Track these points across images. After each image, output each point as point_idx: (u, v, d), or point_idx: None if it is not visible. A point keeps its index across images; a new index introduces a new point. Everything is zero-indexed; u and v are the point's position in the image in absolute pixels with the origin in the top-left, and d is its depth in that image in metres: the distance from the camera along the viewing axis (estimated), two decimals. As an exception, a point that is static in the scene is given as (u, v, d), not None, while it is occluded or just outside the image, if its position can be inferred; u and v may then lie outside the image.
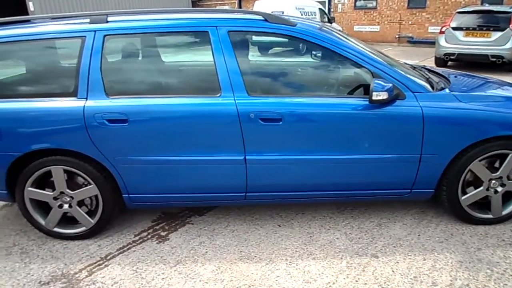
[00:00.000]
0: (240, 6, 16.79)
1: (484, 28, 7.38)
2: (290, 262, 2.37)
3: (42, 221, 2.61)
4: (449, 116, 2.42)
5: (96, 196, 2.57)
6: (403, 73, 2.50)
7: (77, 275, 2.31)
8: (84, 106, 2.37)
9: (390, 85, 2.30)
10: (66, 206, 2.58)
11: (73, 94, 2.41)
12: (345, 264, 2.33)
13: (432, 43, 12.62)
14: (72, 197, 2.55)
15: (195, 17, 2.51)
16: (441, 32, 8.05)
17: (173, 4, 15.50)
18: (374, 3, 14.46)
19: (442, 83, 2.70)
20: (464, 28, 7.65)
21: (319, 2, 13.02)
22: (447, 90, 2.53)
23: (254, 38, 2.44)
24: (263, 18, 2.49)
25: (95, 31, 2.42)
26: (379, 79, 2.31)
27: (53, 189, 2.54)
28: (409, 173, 2.52)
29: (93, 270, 2.35)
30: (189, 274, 2.29)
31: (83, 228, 2.63)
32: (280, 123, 2.36)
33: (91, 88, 2.39)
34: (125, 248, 2.56)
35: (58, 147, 2.42)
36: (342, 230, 2.67)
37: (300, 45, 2.75)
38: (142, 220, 2.88)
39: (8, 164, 2.47)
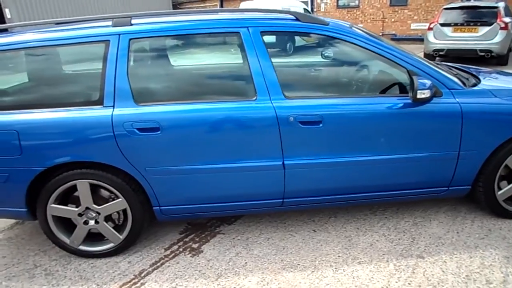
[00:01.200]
0: (222, 7, 16.65)
1: (472, 24, 7.55)
2: (336, 268, 2.29)
3: (66, 240, 2.44)
4: (487, 111, 2.40)
5: (124, 210, 2.42)
6: (438, 70, 2.47)
7: (113, 297, 2.17)
8: (112, 115, 2.21)
9: (430, 82, 2.27)
10: (92, 222, 2.41)
11: (99, 102, 2.25)
12: (393, 267, 2.27)
13: (415, 39, 12.90)
14: (98, 213, 2.39)
15: (224, 17, 2.40)
16: (430, 29, 8.19)
17: (155, 7, 15.19)
18: (357, 2, 14.63)
19: (473, 80, 2.69)
20: (452, 24, 7.81)
21: (302, 1, 13.04)
22: (481, 86, 2.52)
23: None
24: (294, 18, 2.41)
25: (119, 34, 2.27)
26: (420, 77, 2.27)
27: (77, 205, 2.38)
28: (447, 170, 2.49)
29: (130, 289, 2.21)
30: (236, 286, 2.18)
31: (110, 245, 2.47)
32: (320, 125, 2.29)
33: (118, 95, 2.24)
34: (158, 264, 2.42)
35: (84, 159, 2.26)
36: (380, 232, 2.62)
37: (288, 45, 2.66)
38: (168, 232, 2.74)
39: (29, 180, 2.28)
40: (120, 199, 2.36)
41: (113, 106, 2.24)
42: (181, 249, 2.55)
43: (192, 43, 2.45)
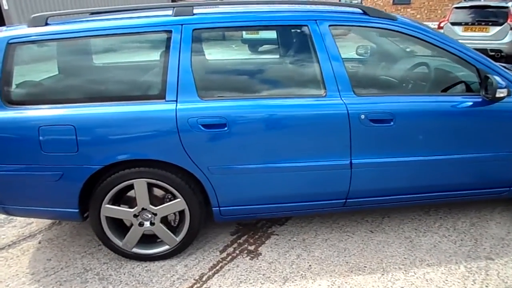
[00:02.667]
0: None
1: (483, 23, 7.58)
2: (405, 270, 2.22)
3: (118, 242, 2.31)
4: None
5: (181, 211, 2.30)
6: (504, 69, 2.41)
7: (178, 302, 2.05)
8: (176, 110, 2.09)
9: (506, 82, 2.21)
10: (147, 224, 2.29)
11: (160, 96, 2.12)
12: (464, 269, 2.21)
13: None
14: (154, 214, 2.26)
15: (292, 9, 2.29)
16: (440, 28, 8.20)
17: (152, 1, 14.91)
18: (360, 0, 14.61)
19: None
20: (463, 23, 7.83)
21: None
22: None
23: (245, 35, 2.22)
24: (362, 11, 2.32)
25: (182, 24, 2.14)
26: (498, 76, 2.20)
27: (131, 206, 2.25)
28: (511, 170, 2.44)
29: (195, 294, 2.10)
30: (305, 291, 2.09)
31: (165, 247, 2.35)
32: (392, 123, 2.20)
33: (182, 89, 2.11)
34: (217, 267, 2.31)
35: (144, 157, 2.13)
36: (439, 233, 2.55)
37: (294, 40, 2.54)
38: (219, 234, 2.62)
39: (85, 179, 2.14)
40: (178, 200, 2.23)
41: (176, 101, 2.11)
42: (237, 252, 2.44)
43: (257, 35, 2.33)
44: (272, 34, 2.49)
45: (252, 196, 2.29)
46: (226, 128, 2.11)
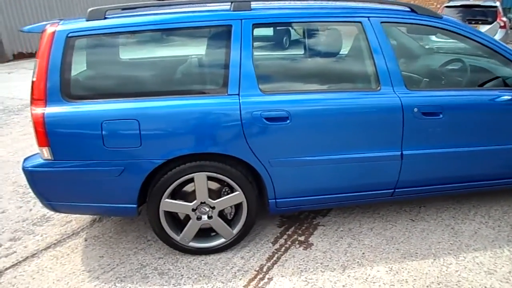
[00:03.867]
0: None
1: (473, 22, 7.91)
2: (455, 255, 2.33)
3: (176, 236, 2.32)
4: None
5: (237, 204, 2.33)
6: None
7: (246, 293, 2.08)
8: (239, 103, 2.12)
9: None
10: (204, 217, 2.30)
11: (222, 90, 2.15)
12: (509, 253, 2.34)
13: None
14: (212, 207, 2.29)
15: (345, 5, 2.35)
16: (430, 26, 8.47)
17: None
18: None
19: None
20: (453, 22, 8.13)
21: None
22: None
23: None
24: (410, 9, 2.41)
25: (241, 19, 2.17)
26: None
27: (187, 200, 2.26)
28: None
29: (260, 285, 2.13)
30: (367, 278, 2.16)
31: (221, 241, 2.37)
32: (441, 116, 2.31)
33: (243, 83, 2.14)
34: (274, 258, 2.35)
35: (207, 151, 2.15)
36: (476, 220, 2.69)
37: (284, 38, 2.62)
38: (266, 226, 2.66)
39: (146, 173, 2.15)
40: (237, 193, 2.27)
41: (238, 94, 2.14)
42: (289, 243, 2.50)
43: (311, 31, 2.38)
44: (269, 32, 2.51)
45: (308, 187, 2.35)
46: (288, 121, 2.16)
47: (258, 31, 2.17)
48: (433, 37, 5.40)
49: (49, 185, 2.19)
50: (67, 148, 2.10)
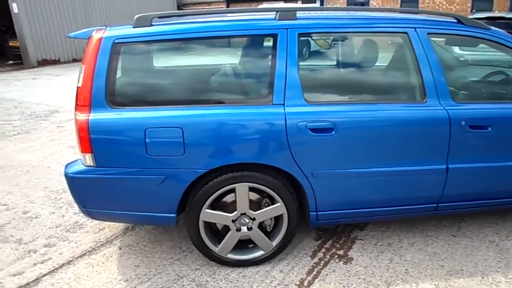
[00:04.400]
0: (227, 7, 16.51)
1: (498, 34, 7.79)
2: (504, 273, 2.23)
3: (214, 247, 2.27)
4: None
5: (277, 216, 2.28)
6: None
7: (288, 308, 2.02)
8: (285, 113, 2.09)
9: None
10: (244, 229, 2.26)
11: (267, 100, 2.12)
12: (561, 273, 2.25)
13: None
14: (253, 219, 2.24)
15: (391, 16, 2.32)
16: (454, 38, 8.38)
17: (158, 7, 14.89)
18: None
19: None
20: (478, 34, 8.02)
21: None
22: None
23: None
24: (456, 20, 2.36)
25: (287, 28, 2.15)
26: None
27: (226, 210, 2.22)
28: None
29: (302, 300, 2.07)
30: (414, 296, 2.09)
31: (260, 253, 2.32)
32: (489, 129, 2.24)
33: (288, 93, 2.11)
34: (314, 272, 2.29)
35: (251, 161, 2.11)
36: (521, 237, 2.60)
37: (304, 50, 2.52)
38: (303, 240, 2.60)
39: (188, 182, 2.12)
40: (279, 204, 2.22)
41: (283, 105, 2.11)
42: (328, 256, 2.43)
43: (355, 41, 2.35)
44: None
45: (350, 200, 2.29)
46: (333, 133, 2.11)
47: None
48: (457, 49, 5.33)
49: (89, 192, 2.18)
50: (110, 155, 2.09)
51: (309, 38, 2.27)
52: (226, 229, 2.29)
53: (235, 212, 2.21)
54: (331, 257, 2.43)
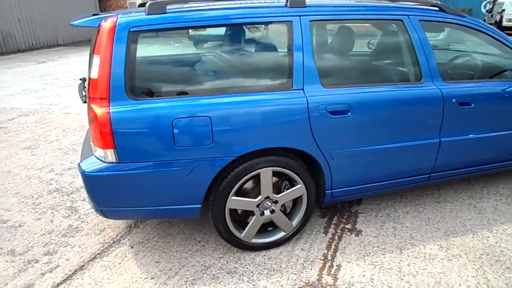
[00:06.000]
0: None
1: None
2: (489, 229, 2.57)
3: (238, 234, 2.29)
4: None
5: (297, 197, 2.37)
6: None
7: (323, 281, 2.13)
8: (306, 98, 2.16)
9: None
10: (267, 212, 2.31)
11: (287, 85, 2.18)
12: (529, 223, 2.68)
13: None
14: (276, 202, 2.30)
15: (388, 5, 2.48)
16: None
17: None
18: None
19: None
20: None
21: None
22: None
23: (191, 32, 2.40)
24: (438, 9, 2.62)
25: (299, 15, 2.21)
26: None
27: (249, 196, 2.25)
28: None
29: (333, 273, 2.19)
30: (425, 256, 2.32)
31: (281, 234, 2.40)
32: (472, 105, 2.55)
33: (307, 78, 2.19)
34: (332, 246, 2.43)
35: (276, 145, 2.16)
36: (492, 198, 2.97)
37: (239, 38, 2.70)
38: (310, 219, 2.73)
39: (216, 171, 2.11)
40: (299, 186, 2.31)
41: (303, 89, 2.19)
42: (339, 231, 2.59)
43: (359, 27, 2.48)
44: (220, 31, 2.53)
45: (361, 177, 2.46)
46: (349, 114, 2.25)
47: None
48: None
49: (110, 190, 2.05)
50: (134, 150, 1.99)
51: (324, 25, 2.35)
52: (246, 214, 2.34)
53: (260, 197, 2.25)
54: (342, 231, 2.59)
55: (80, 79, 2.57)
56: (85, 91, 2.37)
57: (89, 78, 2.00)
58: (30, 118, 5.27)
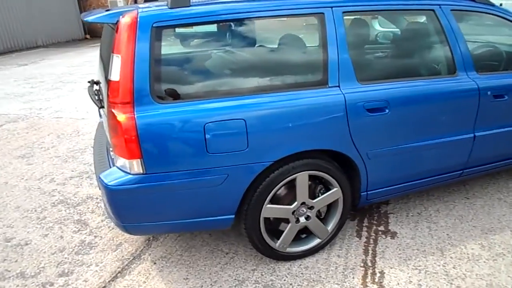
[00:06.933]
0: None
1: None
2: (526, 225, 2.51)
3: (273, 244, 2.13)
4: None
5: (333, 201, 2.22)
6: None
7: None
8: (344, 95, 2.01)
9: None
10: (302, 219, 2.15)
11: (323, 82, 2.02)
12: None
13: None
14: (311, 207, 2.14)
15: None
16: None
17: None
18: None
19: None
20: None
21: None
22: None
23: (177, 30, 2.27)
24: (468, -3, 2.51)
25: (331, 7, 2.05)
26: None
27: (282, 203, 2.09)
28: None
29: (377, 281, 2.05)
30: (468, 257, 2.21)
31: (317, 241, 2.24)
32: (506, 97, 2.45)
33: (342, 74, 2.04)
34: (370, 251, 2.29)
35: (314, 148, 2.00)
36: (518, 190, 2.93)
37: (227, 34, 2.53)
38: (339, 221, 2.59)
39: (252, 178, 1.93)
40: (335, 189, 2.16)
41: (339, 86, 2.03)
42: (373, 234, 2.45)
43: (390, 19, 2.33)
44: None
45: (396, 176, 2.33)
46: (387, 111, 2.10)
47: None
48: (377, 26, 5.73)
49: (137, 204, 1.86)
50: (163, 159, 1.80)
51: (355, 17, 2.20)
52: (277, 223, 2.18)
53: (295, 203, 2.09)
54: (376, 234, 2.46)
55: (89, 82, 2.35)
56: (98, 95, 2.16)
57: (109, 81, 1.79)
58: (20, 124, 4.97)
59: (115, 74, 1.75)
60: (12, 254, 2.38)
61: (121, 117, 1.73)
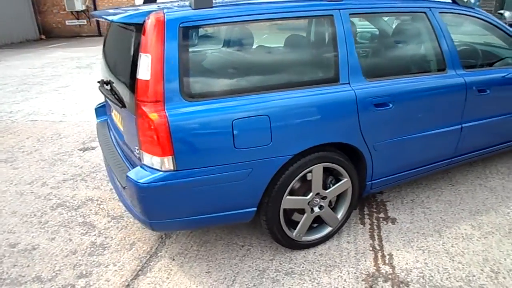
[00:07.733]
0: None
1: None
2: (506, 205, 2.77)
3: (291, 234, 2.24)
4: None
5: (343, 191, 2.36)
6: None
7: (383, 271, 2.15)
8: (354, 92, 2.15)
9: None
10: (316, 209, 2.28)
11: (335, 79, 2.15)
12: (536, 197, 2.92)
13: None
14: (324, 197, 2.27)
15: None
16: None
17: None
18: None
19: None
20: None
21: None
22: None
23: (203, 30, 2.51)
24: (451, 1, 2.74)
25: (339, 9, 2.19)
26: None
27: (298, 194, 2.21)
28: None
29: (387, 262, 2.22)
30: (463, 236, 2.44)
31: (328, 230, 2.38)
32: (488, 92, 2.71)
33: (351, 72, 2.18)
34: (375, 236, 2.46)
35: (330, 141, 2.14)
36: (496, 177, 3.19)
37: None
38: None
39: (274, 172, 2.04)
40: (346, 180, 2.31)
41: (349, 83, 2.18)
42: (375, 221, 2.63)
43: (388, 21, 2.50)
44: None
45: (397, 165, 2.52)
46: (391, 105, 2.28)
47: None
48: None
49: (165, 201, 1.89)
50: (193, 155, 1.85)
51: (360, 19, 2.36)
52: (291, 213, 2.29)
53: (311, 194, 2.22)
54: (378, 221, 2.64)
55: (99, 82, 2.33)
56: (114, 94, 2.15)
57: (137, 80, 1.82)
58: (-7, 129, 4.73)
59: (145, 73, 1.78)
60: (21, 259, 2.32)
61: (153, 115, 1.76)
